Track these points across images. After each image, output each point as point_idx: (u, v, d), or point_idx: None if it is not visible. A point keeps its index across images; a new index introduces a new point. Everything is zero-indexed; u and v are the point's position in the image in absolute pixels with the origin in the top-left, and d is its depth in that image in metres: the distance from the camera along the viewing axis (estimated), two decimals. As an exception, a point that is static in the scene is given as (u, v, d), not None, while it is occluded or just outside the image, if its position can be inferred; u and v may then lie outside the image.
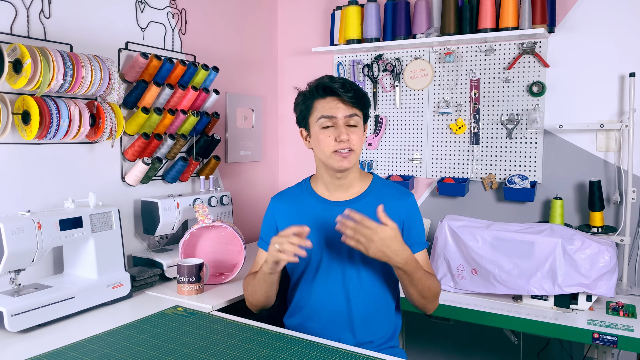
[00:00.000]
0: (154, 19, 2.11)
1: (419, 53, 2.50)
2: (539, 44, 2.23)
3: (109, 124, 1.78)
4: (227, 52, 2.53)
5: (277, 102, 2.95)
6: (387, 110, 2.61)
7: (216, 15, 2.46)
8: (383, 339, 1.50)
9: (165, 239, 2.15)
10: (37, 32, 1.69)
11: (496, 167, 2.36)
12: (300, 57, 2.86)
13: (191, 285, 1.73)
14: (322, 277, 1.49)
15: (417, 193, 2.56)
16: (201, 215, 1.87)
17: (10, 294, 1.45)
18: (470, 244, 1.85)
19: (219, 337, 1.35)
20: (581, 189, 2.20)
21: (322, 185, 1.55)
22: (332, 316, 1.48)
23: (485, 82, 2.36)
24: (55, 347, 1.30)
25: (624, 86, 2.09)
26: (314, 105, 1.47)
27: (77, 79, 1.64)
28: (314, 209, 1.52)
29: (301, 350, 1.27)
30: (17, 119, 1.60)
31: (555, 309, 1.76)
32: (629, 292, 1.95)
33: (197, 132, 2.22)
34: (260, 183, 2.82)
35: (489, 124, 2.37)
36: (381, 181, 1.57)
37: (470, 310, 1.78)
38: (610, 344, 1.56)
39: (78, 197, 1.77)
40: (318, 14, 2.80)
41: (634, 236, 2.09)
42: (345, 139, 1.42)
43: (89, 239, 1.62)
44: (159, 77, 1.99)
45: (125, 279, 1.69)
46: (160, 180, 2.16)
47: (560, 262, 1.72)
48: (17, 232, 1.40)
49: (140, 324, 1.46)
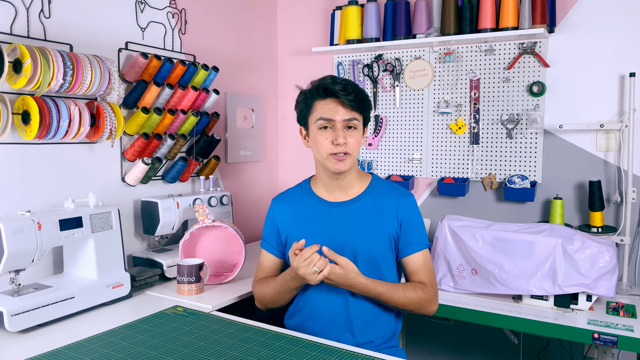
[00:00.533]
0: (154, 19, 2.11)
1: (419, 53, 2.50)
2: (539, 44, 2.23)
3: (109, 124, 1.78)
4: (227, 52, 2.53)
5: (277, 102, 2.95)
6: (387, 110, 2.61)
7: (216, 15, 2.46)
8: (383, 339, 1.50)
9: (165, 239, 2.15)
10: (37, 32, 1.69)
11: (496, 167, 2.36)
12: (300, 57, 2.86)
13: (191, 285, 1.73)
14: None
15: (417, 193, 2.56)
16: (201, 215, 1.87)
17: (10, 294, 1.45)
18: (470, 244, 1.85)
19: (219, 337, 1.35)
20: (581, 189, 2.20)
21: (321, 186, 1.55)
22: (331, 317, 1.48)
23: (485, 82, 2.36)
24: (55, 347, 1.30)
25: (624, 86, 2.09)
26: (314, 105, 1.47)
27: (77, 79, 1.64)
28: (314, 210, 1.53)
29: (301, 350, 1.27)
30: (17, 119, 1.60)
31: (555, 309, 1.76)
32: (629, 292, 1.95)
33: (197, 132, 2.22)
34: (260, 183, 2.82)
35: (489, 124, 2.37)
36: (380, 181, 1.57)
37: (470, 310, 1.78)
38: (610, 344, 1.56)
39: (78, 197, 1.77)
40: (318, 14, 2.80)
41: (634, 236, 2.09)
42: (342, 142, 1.42)
43: (89, 239, 1.62)
44: (159, 77, 1.99)
45: (125, 279, 1.69)
46: (160, 180, 2.16)
47: (560, 262, 1.72)
48: (17, 232, 1.40)
49: (140, 324, 1.46)
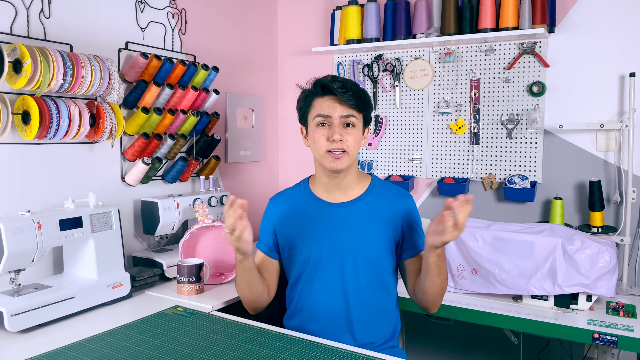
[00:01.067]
0: (154, 19, 2.11)
1: (419, 53, 2.50)
2: (539, 44, 2.23)
3: (109, 124, 1.78)
4: (227, 52, 2.53)
5: (277, 102, 2.95)
6: (387, 110, 2.61)
7: (216, 15, 2.46)
8: (383, 339, 1.50)
9: (165, 239, 2.15)
10: (37, 32, 1.69)
11: (496, 167, 2.36)
12: (300, 57, 2.86)
13: (191, 285, 1.73)
14: (321, 279, 1.49)
15: (417, 193, 2.56)
16: (201, 215, 1.87)
17: (10, 294, 1.45)
18: (470, 244, 1.85)
19: (219, 337, 1.35)
20: (581, 189, 2.20)
21: (320, 186, 1.54)
22: (331, 318, 1.48)
23: (485, 82, 2.36)
24: (55, 347, 1.29)
25: (624, 86, 2.09)
26: (312, 103, 1.47)
27: (77, 79, 1.64)
28: (312, 211, 1.52)
29: (301, 351, 1.27)
30: (17, 119, 1.60)
31: (555, 309, 1.76)
32: (629, 292, 1.95)
33: (197, 132, 2.22)
34: (260, 183, 2.82)
35: (489, 124, 2.37)
36: (380, 182, 1.57)
37: (470, 310, 1.78)
38: (610, 344, 1.56)
39: (78, 197, 1.77)
40: (318, 14, 2.80)
41: (634, 236, 2.09)
42: (337, 139, 1.41)
43: (89, 239, 1.62)
44: (159, 77, 1.99)
45: (125, 279, 1.69)
46: (160, 180, 2.16)
47: (560, 262, 1.72)
48: (17, 232, 1.40)
49: (140, 324, 1.46)
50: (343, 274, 1.47)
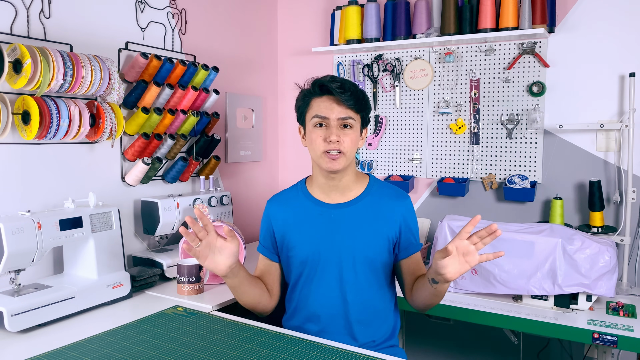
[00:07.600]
0: (154, 19, 2.11)
1: (419, 53, 2.50)
2: (539, 44, 2.23)
3: (109, 124, 1.78)
4: (227, 52, 2.53)
5: (277, 102, 2.95)
6: (387, 110, 2.61)
7: (216, 15, 2.46)
8: (382, 339, 1.50)
9: (165, 239, 2.15)
10: (37, 32, 1.69)
11: (496, 167, 2.36)
12: (300, 57, 2.86)
13: (191, 285, 1.73)
14: (319, 280, 1.49)
15: (417, 193, 2.56)
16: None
17: (10, 294, 1.45)
18: (470, 244, 1.85)
19: (219, 337, 1.35)
20: (581, 189, 2.20)
21: (317, 187, 1.53)
22: (330, 318, 1.48)
23: (485, 82, 2.36)
24: (55, 347, 1.29)
25: (624, 86, 2.09)
26: (310, 103, 1.46)
27: (77, 79, 1.64)
28: (310, 212, 1.51)
29: (301, 351, 1.27)
30: (17, 119, 1.60)
31: (555, 309, 1.76)
32: (629, 292, 1.95)
33: (197, 132, 2.22)
34: (260, 183, 2.82)
35: (489, 124, 2.37)
36: (378, 183, 1.56)
37: (470, 310, 1.78)
38: (610, 344, 1.56)
39: (78, 197, 1.77)
40: (318, 14, 2.80)
41: (634, 236, 2.09)
42: (334, 140, 1.40)
43: (89, 239, 1.62)
44: (159, 77, 1.99)
45: (125, 279, 1.69)
46: (160, 180, 2.16)
47: (560, 262, 1.72)
48: (17, 232, 1.40)
49: (140, 324, 1.46)
50: (341, 275, 1.47)
